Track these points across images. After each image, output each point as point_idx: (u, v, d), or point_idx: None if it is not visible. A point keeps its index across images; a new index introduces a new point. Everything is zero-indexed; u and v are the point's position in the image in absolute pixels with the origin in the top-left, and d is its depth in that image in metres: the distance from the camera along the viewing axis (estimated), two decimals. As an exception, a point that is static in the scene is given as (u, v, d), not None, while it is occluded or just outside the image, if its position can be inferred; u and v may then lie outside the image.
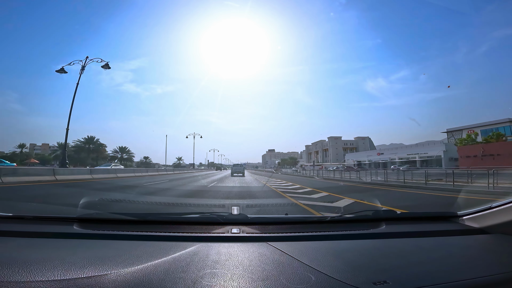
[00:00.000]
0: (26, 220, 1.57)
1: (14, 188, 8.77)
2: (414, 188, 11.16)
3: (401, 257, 1.17)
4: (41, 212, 1.68)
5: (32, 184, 10.41)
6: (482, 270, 1.01)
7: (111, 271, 0.93)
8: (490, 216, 1.39)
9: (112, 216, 1.77)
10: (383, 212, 1.87)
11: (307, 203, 6.04)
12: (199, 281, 0.89)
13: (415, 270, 1.03)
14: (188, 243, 1.21)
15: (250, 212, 2.70)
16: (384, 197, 8.24)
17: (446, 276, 0.95)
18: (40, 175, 12.31)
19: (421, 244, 1.31)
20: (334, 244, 1.29)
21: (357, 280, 0.90)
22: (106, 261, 1.01)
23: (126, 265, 0.97)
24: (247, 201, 6.62)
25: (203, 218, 1.62)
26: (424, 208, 6.32)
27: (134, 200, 6.21)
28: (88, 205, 2.97)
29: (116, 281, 0.88)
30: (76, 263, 0.97)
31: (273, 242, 1.24)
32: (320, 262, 1.03)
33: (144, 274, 0.92)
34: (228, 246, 1.20)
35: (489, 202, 1.47)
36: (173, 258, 1.05)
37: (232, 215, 1.75)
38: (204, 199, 7.24)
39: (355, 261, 1.07)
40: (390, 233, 1.45)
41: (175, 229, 1.43)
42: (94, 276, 0.90)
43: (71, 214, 1.63)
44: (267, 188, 11.34)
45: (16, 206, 5.15)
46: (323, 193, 9.26)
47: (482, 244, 1.32)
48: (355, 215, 1.69)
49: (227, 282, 0.89)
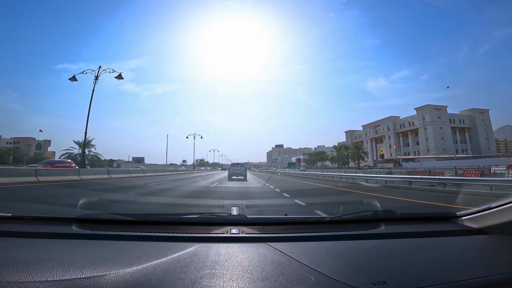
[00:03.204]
0: (25, 220, 1.57)
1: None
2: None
3: (400, 258, 1.17)
4: (40, 212, 1.68)
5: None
6: (481, 270, 1.02)
7: (110, 272, 0.92)
8: (489, 217, 1.39)
9: (111, 216, 1.76)
10: (383, 212, 1.87)
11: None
12: (198, 281, 0.89)
13: (414, 271, 1.03)
14: (188, 244, 1.21)
15: (249, 213, 2.70)
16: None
17: (445, 277, 0.95)
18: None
19: (420, 244, 1.32)
20: (334, 245, 1.29)
21: (357, 280, 0.90)
22: (105, 261, 1.00)
23: (125, 266, 0.97)
24: (246, 202, 6.61)
25: (202, 218, 1.62)
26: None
27: (133, 200, 6.20)
28: (87, 206, 2.97)
29: (115, 282, 0.87)
30: (75, 264, 0.97)
31: (273, 243, 1.23)
32: (320, 262, 1.03)
33: (143, 275, 0.92)
34: (227, 247, 1.20)
35: (488, 202, 1.47)
36: (172, 258, 1.05)
37: (232, 215, 1.75)
38: (204, 199, 7.23)
39: (355, 262, 1.07)
40: (390, 234, 1.45)
41: (174, 229, 1.43)
42: (93, 276, 0.90)
43: (70, 215, 1.63)
44: (266, 188, 11.33)
45: (15, 206, 5.13)
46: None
47: (481, 244, 1.32)
48: (355, 216, 1.69)
49: (226, 282, 0.89)
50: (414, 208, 6.45)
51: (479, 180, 10.28)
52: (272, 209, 5.03)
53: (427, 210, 5.86)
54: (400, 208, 5.97)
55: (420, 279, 0.94)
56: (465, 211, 1.57)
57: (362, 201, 5.27)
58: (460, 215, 1.58)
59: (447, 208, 5.74)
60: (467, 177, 13.34)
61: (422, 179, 11.82)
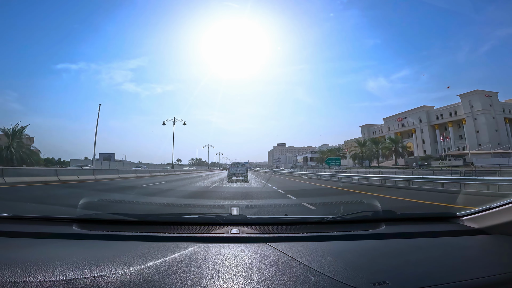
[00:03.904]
0: (25, 220, 1.57)
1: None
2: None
3: (400, 258, 1.17)
4: (40, 213, 1.68)
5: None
6: (482, 270, 1.01)
7: (111, 272, 0.92)
8: (489, 217, 1.39)
9: (112, 216, 1.76)
10: (383, 212, 1.87)
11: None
12: (198, 281, 0.89)
13: (414, 271, 1.03)
14: (188, 244, 1.21)
15: (249, 213, 2.70)
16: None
17: (445, 277, 0.95)
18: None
19: (420, 244, 1.32)
20: (334, 245, 1.29)
21: (357, 280, 0.90)
22: (105, 261, 1.00)
23: (126, 266, 0.97)
24: (246, 202, 6.62)
25: (202, 218, 1.62)
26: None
27: (134, 200, 6.21)
28: (88, 206, 2.97)
29: (116, 282, 0.88)
30: (75, 264, 0.97)
31: (273, 243, 1.23)
32: (320, 262, 1.03)
33: (143, 275, 0.92)
34: (227, 247, 1.20)
35: (489, 202, 1.47)
36: (172, 258, 1.05)
37: (232, 215, 1.75)
38: (204, 199, 7.23)
39: (355, 262, 1.07)
40: (390, 234, 1.45)
41: (174, 229, 1.43)
42: (93, 276, 0.90)
43: (70, 215, 1.63)
44: (267, 188, 11.33)
45: (15, 206, 5.14)
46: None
47: (481, 244, 1.32)
48: (355, 216, 1.69)
49: (226, 282, 0.89)
50: (414, 208, 6.45)
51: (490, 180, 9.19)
52: (272, 209, 5.03)
53: (427, 210, 5.87)
54: (400, 208, 5.96)
55: (420, 280, 0.94)
56: (466, 211, 1.57)
57: (362, 201, 5.27)
58: (460, 215, 1.58)
59: (448, 208, 5.74)
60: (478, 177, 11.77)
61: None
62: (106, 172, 18.59)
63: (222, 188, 11.10)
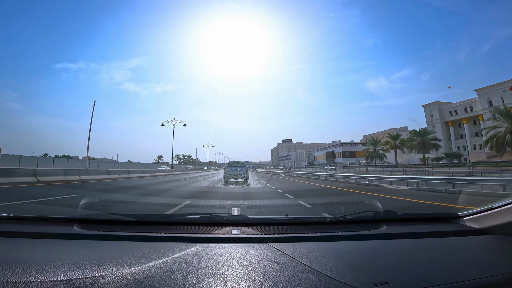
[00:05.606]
0: (26, 220, 1.58)
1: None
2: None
3: (401, 258, 1.17)
4: (41, 213, 1.68)
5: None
6: (483, 271, 1.01)
7: (112, 272, 0.93)
8: (491, 217, 1.39)
9: (112, 217, 1.77)
10: (384, 213, 1.87)
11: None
12: (199, 282, 0.89)
13: (415, 271, 1.03)
14: (189, 244, 1.21)
15: (250, 213, 2.70)
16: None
17: (447, 277, 0.95)
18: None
19: (421, 245, 1.31)
20: (335, 245, 1.29)
21: (358, 281, 0.90)
22: (106, 261, 1.01)
23: (127, 266, 0.97)
24: (247, 202, 6.61)
25: (203, 219, 1.62)
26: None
27: (134, 200, 6.22)
28: (89, 206, 2.98)
29: (116, 282, 0.88)
30: (76, 264, 0.97)
31: (274, 243, 1.23)
32: (321, 263, 1.03)
33: (144, 275, 0.92)
34: (228, 247, 1.20)
35: (490, 202, 1.46)
36: (173, 259, 1.05)
37: (232, 216, 1.75)
38: (204, 200, 7.24)
39: (356, 262, 1.07)
40: (391, 234, 1.45)
41: (175, 230, 1.43)
42: (94, 276, 0.90)
43: (71, 215, 1.63)
44: (268, 188, 11.33)
45: (15, 206, 5.15)
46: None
47: (483, 245, 1.31)
48: (356, 216, 1.69)
49: (227, 283, 0.89)
50: (415, 209, 6.44)
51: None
52: (273, 209, 5.03)
53: (429, 210, 5.85)
54: (401, 208, 5.95)
55: (421, 280, 0.94)
56: (467, 212, 1.56)
57: (363, 202, 5.26)
58: (461, 215, 1.57)
59: (449, 208, 5.72)
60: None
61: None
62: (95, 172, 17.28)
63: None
